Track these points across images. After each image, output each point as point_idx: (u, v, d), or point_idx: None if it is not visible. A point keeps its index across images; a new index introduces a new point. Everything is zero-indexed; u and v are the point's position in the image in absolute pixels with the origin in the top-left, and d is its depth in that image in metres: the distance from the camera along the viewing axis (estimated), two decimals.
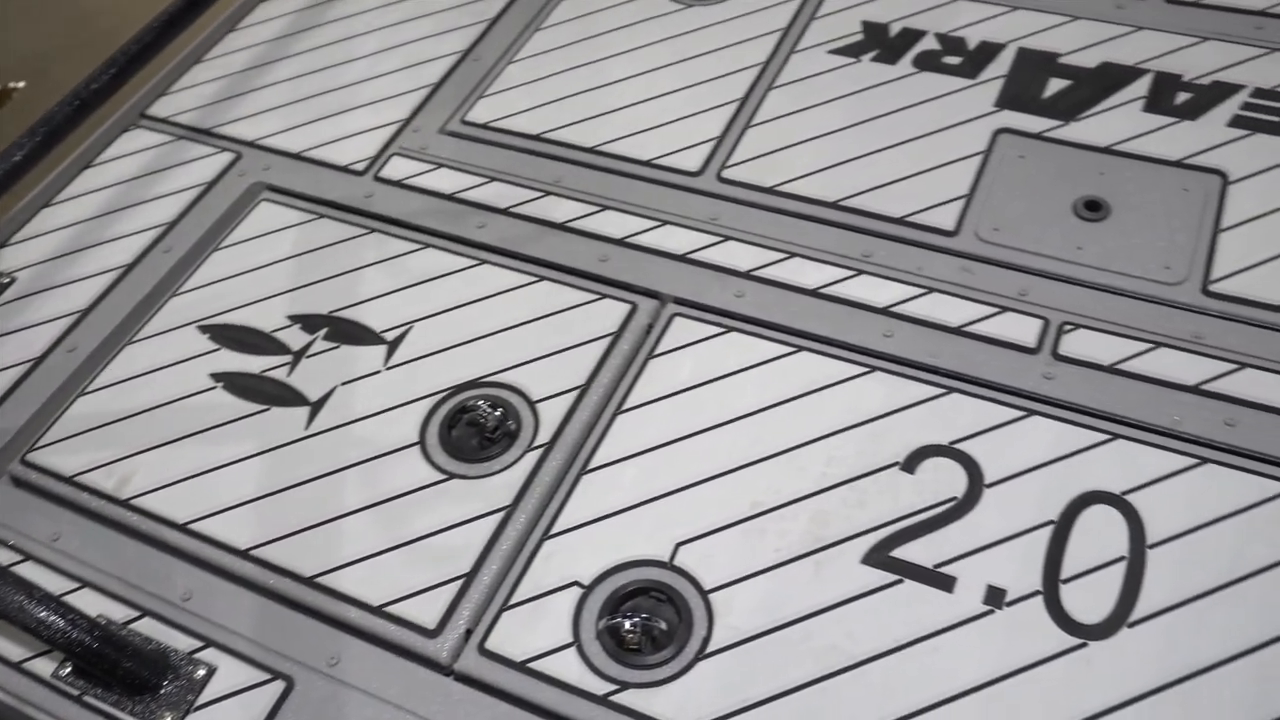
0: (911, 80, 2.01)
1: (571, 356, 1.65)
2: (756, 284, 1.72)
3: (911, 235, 1.76)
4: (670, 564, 1.42)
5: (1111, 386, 1.54)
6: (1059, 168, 1.83)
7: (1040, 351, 1.59)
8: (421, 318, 1.74)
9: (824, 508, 1.45)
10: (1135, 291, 1.65)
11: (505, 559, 1.45)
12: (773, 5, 2.20)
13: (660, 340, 1.66)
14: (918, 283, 1.69)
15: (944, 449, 1.49)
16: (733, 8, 2.21)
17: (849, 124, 1.94)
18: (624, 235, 1.82)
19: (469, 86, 2.13)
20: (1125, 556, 1.37)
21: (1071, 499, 1.43)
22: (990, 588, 1.36)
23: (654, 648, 1.35)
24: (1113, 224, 1.74)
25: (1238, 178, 1.77)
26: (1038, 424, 1.51)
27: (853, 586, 1.37)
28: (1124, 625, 1.32)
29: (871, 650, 1.32)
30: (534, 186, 1.92)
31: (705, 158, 1.92)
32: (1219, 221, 1.72)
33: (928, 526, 1.42)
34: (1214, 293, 1.63)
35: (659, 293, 1.73)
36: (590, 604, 1.39)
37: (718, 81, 2.06)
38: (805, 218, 1.81)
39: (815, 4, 2.19)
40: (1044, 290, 1.67)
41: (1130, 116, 1.89)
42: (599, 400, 1.60)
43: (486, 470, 1.54)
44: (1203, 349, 1.57)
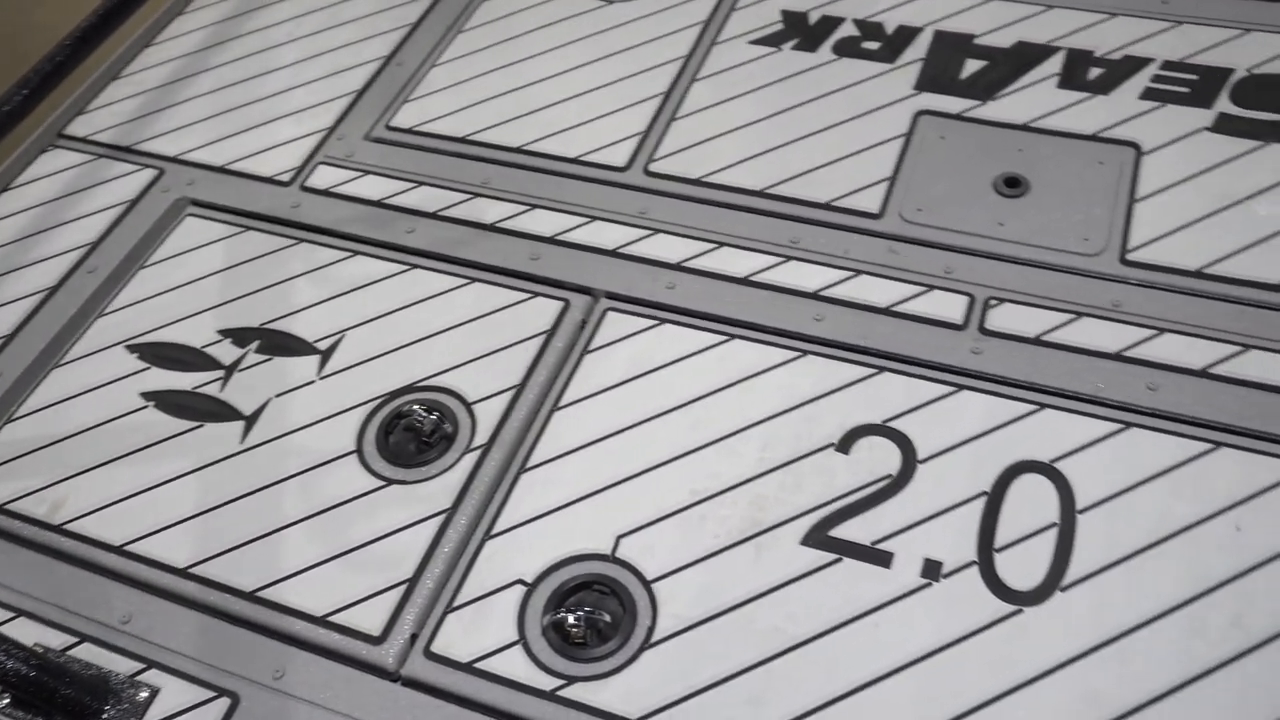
0: (832, 67, 2.03)
1: (506, 356, 1.65)
2: (687, 275, 1.73)
3: (838, 219, 1.78)
4: (612, 556, 1.42)
5: (1037, 358, 1.57)
6: (979, 146, 1.86)
7: (967, 327, 1.62)
8: (354, 326, 1.73)
9: (762, 492, 1.46)
10: (1056, 264, 1.68)
11: (448, 562, 1.44)
12: None
13: (594, 336, 1.67)
14: (846, 266, 1.71)
15: (877, 428, 1.51)
16: (652, 3, 2.22)
17: (772, 113, 1.96)
18: (554, 233, 1.82)
19: (392, 92, 2.12)
20: (1056, 523, 1.40)
21: (1002, 470, 1.46)
22: (927, 561, 1.38)
23: (600, 640, 1.36)
24: (1032, 199, 1.77)
25: (1150, 149, 1.82)
26: (967, 398, 1.54)
27: (793, 568, 1.39)
28: (1057, 590, 1.35)
29: (814, 630, 1.34)
30: (462, 189, 1.92)
31: (631, 152, 1.93)
32: (1134, 192, 1.76)
33: (864, 505, 1.44)
34: (1131, 261, 1.67)
35: (591, 288, 1.74)
36: (534, 601, 1.40)
37: (641, 76, 2.07)
38: (733, 207, 1.82)
39: None
40: (968, 267, 1.70)
41: (1045, 93, 1.93)
42: (535, 399, 1.60)
43: (425, 475, 1.54)
44: (1122, 317, 1.61)
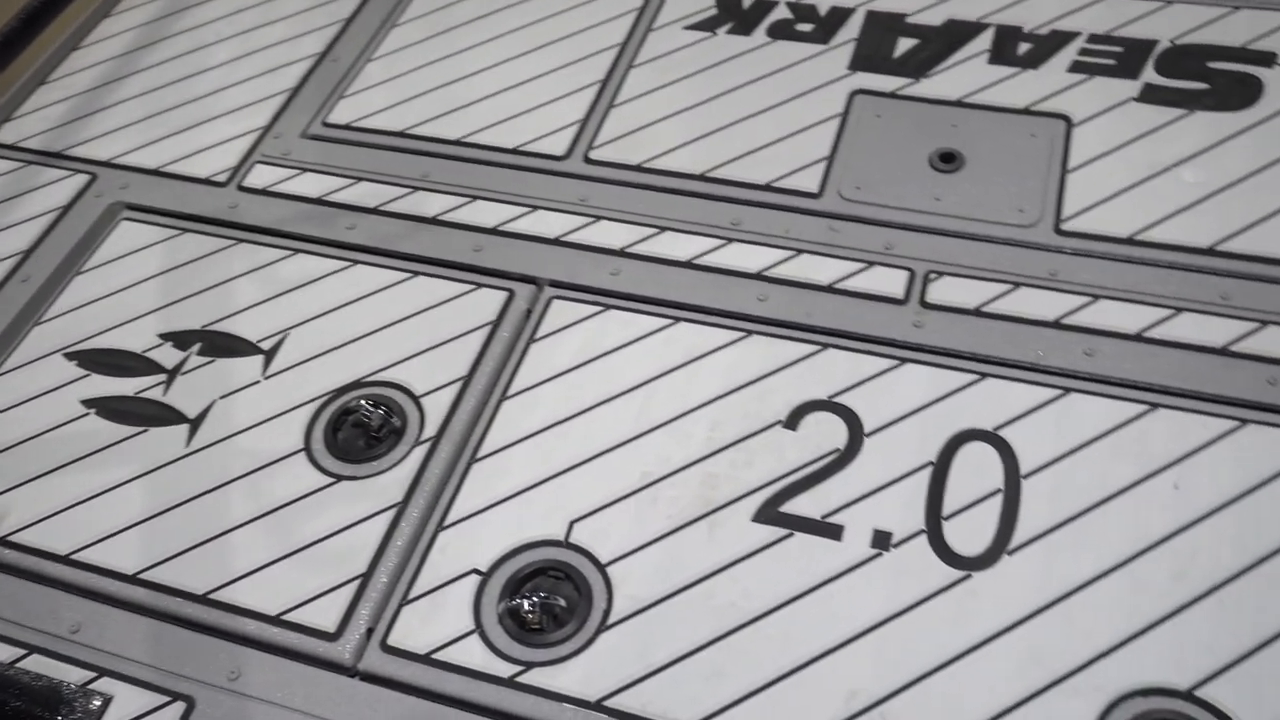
0: (767, 50, 2.05)
1: (453, 348, 1.65)
2: (631, 261, 1.74)
3: (778, 200, 1.80)
4: (566, 542, 1.43)
5: (978, 329, 1.60)
6: (914, 123, 1.89)
7: (908, 301, 1.64)
8: (297, 324, 1.71)
9: (712, 471, 1.47)
10: (993, 236, 1.71)
11: (401, 555, 1.44)
12: None
13: (540, 324, 1.67)
14: (787, 245, 1.73)
15: (824, 403, 1.53)
16: None
17: (710, 97, 1.97)
18: (496, 224, 1.82)
19: (328, 88, 2.10)
20: (1001, 489, 1.43)
21: (947, 439, 1.48)
22: (877, 532, 1.40)
23: (556, 625, 1.36)
24: (968, 173, 1.80)
25: (1080, 120, 1.85)
26: (911, 371, 1.56)
27: (746, 544, 1.40)
28: (1004, 554, 1.37)
29: (768, 604, 1.35)
30: (402, 183, 1.91)
31: (571, 141, 1.93)
32: (1066, 163, 1.79)
33: (813, 480, 1.45)
34: (1066, 231, 1.70)
35: (535, 277, 1.74)
36: (490, 589, 1.40)
37: (578, 64, 2.07)
38: (674, 192, 1.83)
39: None
40: (908, 242, 1.72)
41: (977, 69, 1.96)
42: (483, 389, 1.60)
43: (375, 469, 1.53)
44: (1059, 285, 1.64)
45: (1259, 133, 1.79)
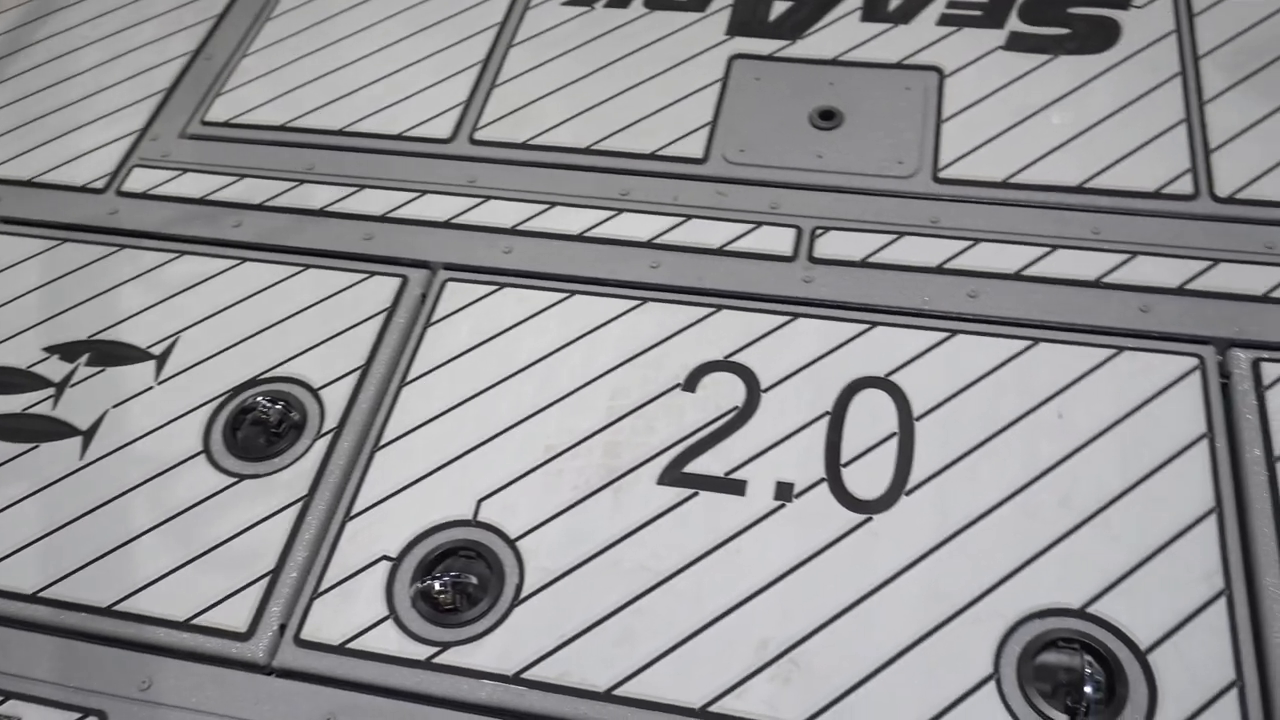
0: (645, 20, 2.06)
1: (349, 339, 1.64)
2: (523, 238, 1.74)
3: (664, 168, 1.81)
4: (475, 520, 1.43)
5: (865, 279, 1.64)
6: (792, 84, 1.91)
7: (797, 258, 1.67)
8: (188, 326, 1.68)
9: (615, 439, 1.49)
10: (875, 189, 1.75)
11: (310, 548, 1.43)
12: None
13: (435, 307, 1.67)
14: (676, 212, 1.75)
15: (720, 363, 1.55)
16: None
17: (591, 70, 1.98)
18: (385, 211, 1.81)
19: (204, 86, 2.06)
20: (896, 432, 1.47)
21: (842, 388, 1.51)
22: (779, 484, 1.43)
23: (470, 604, 1.36)
24: (847, 129, 1.84)
25: (952, 71, 1.90)
26: (803, 325, 1.59)
27: (652, 507, 1.42)
28: (902, 494, 1.41)
29: (678, 563, 1.37)
30: (287, 177, 1.88)
31: (455, 123, 1.92)
32: (940, 113, 1.84)
33: (714, 438, 1.48)
34: (944, 179, 1.75)
35: (428, 262, 1.73)
36: (401, 574, 1.40)
37: (458, 47, 2.06)
38: (561, 167, 1.84)
39: None
40: (793, 200, 1.75)
41: (850, 27, 2.00)
42: (382, 377, 1.59)
43: (278, 465, 1.51)
44: (941, 232, 1.68)
45: (1119, 73, 1.85)
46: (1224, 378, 1.49)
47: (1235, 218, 1.65)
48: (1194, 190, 1.69)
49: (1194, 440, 1.43)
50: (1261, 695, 1.23)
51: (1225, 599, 1.30)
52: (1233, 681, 1.24)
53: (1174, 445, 1.42)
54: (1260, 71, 1.83)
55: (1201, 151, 1.73)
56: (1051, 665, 1.27)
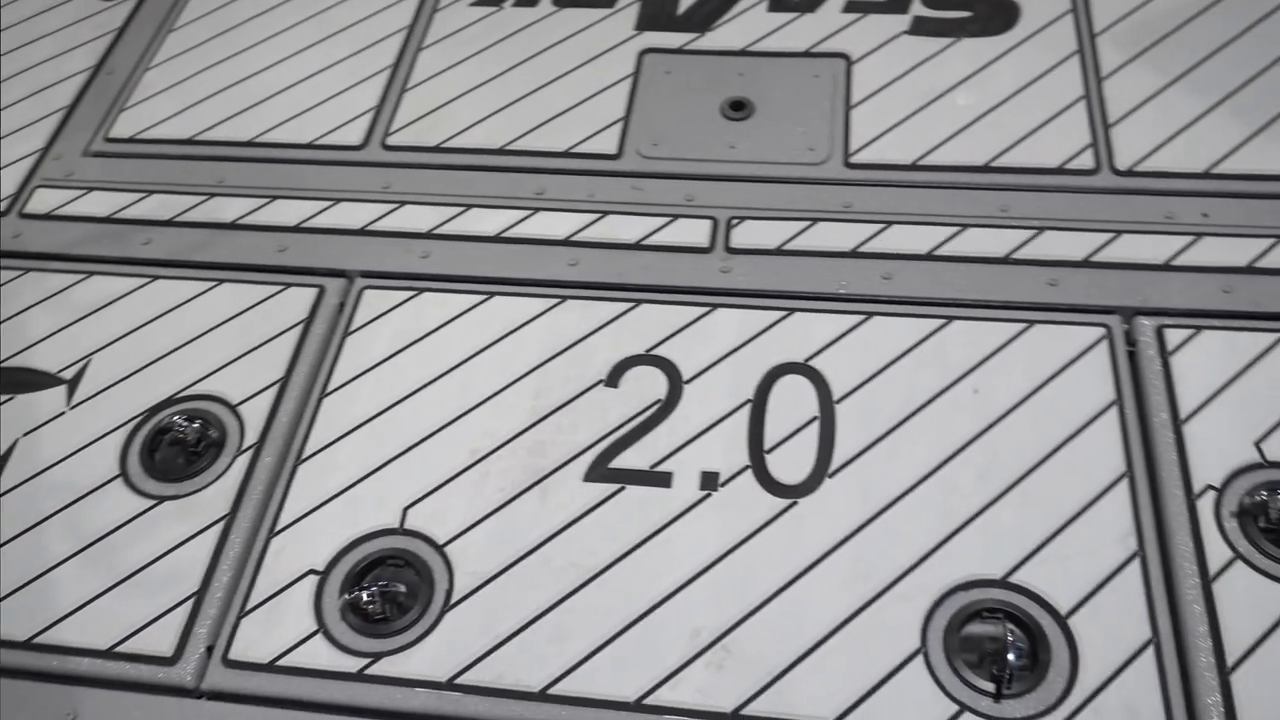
0: (554, 18, 2.06)
1: (266, 352, 1.62)
2: (439, 242, 1.73)
3: (579, 165, 1.81)
4: (401, 528, 1.42)
5: (781, 267, 1.65)
6: (703, 76, 1.93)
7: (714, 249, 1.68)
8: (99, 348, 1.65)
9: (540, 438, 1.49)
10: (788, 176, 1.77)
11: (234, 566, 1.41)
12: None
13: (354, 316, 1.65)
14: (592, 209, 1.75)
15: (642, 357, 1.56)
16: None
17: (502, 71, 1.97)
18: (299, 221, 1.78)
19: (107, 102, 2.02)
20: (817, 416, 1.49)
21: (762, 376, 1.53)
22: (704, 474, 1.44)
23: (400, 612, 1.36)
24: (758, 119, 1.85)
25: (859, 57, 1.93)
26: (722, 315, 1.60)
27: (580, 505, 1.42)
28: (825, 478, 1.43)
29: (608, 559, 1.38)
30: (196, 191, 1.85)
31: (367, 129, 1.91)
32: (849, 100, 1.86)
33: (639, 432, 1.48)
34: (855, 164, 1.77)
35: (345, 270, 1.71)
36: (329, 587, 1.38)
37: (366, 52, 2.04)
38: (475, 168, 1.83)
39: None
40: (708, 192, 1.76)
41: (758, 18, 2.01)
42: (302, 389, 1.57)
43: (198, 485, 1.49)
44: (854, 216, 1.71)
45: (1020, 53, 1.89)
46: (1130, 346, 1.53)
47: (1136, 190, 1.70)
48: (1095, 165, 1.73)
49: (1104, 408, 1.46)
50: (1177, 651, 1.27)
51: (1139, 560, 1.33)
52: (1149, 639, 1.27)
53: (1085, 414, 1.46)
54: (1154, 46, 1.88)
55: (1101, 126, 1.78)
56: (976, 636, 1.30)
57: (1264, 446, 1.41)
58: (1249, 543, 1.33)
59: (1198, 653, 1.26)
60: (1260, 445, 1.41)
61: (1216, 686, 1.23)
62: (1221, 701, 1.23)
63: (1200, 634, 1.27)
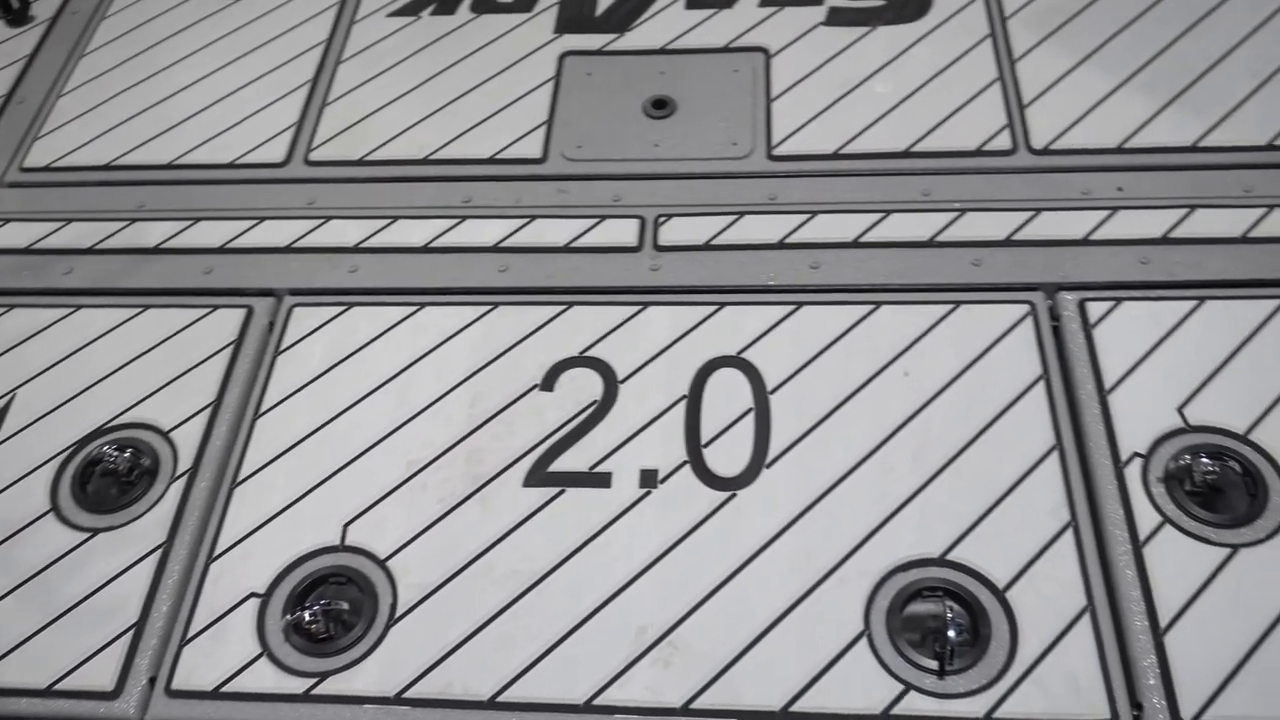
0: (473, 25, 2.05)
1: (196, 376, 1.60)
2: (367, 255, 1.72)
3: (505, 171, 1.81)
4: (342, 545, 1.41)
5: (710, 262, 1.67)
6: (624, 76, 1.93)
7: (643, 248, 1.69)
8: (23, 382, 1.62)
9: (477, 446, 1.49)
10: (712, 172, 1.78)
11: (174, 595, 1.39)
12: None
13: (284, 335, 1.63)
14: (520, 214, 1.75)
15: (576, 359, 1.56)
16: None
17: (423, 80, 1.97)
18: (224, 242, 1.76)
19: (19, 131, 1.98)
20: (752, 408, 1.50)
21: (697, 371, 1.54)
22: (643, 471, 1.45)
23: (344, 630, 1.35)
24: (681, 117, 1.86)
25: (777, 50, 1.94)
26: (654, 313, 1.61)
27: (520, 511, 1.42)
28: (763, 468, 1.44)
29: (550, 563, 1.38)
30: (117, 217, 1.82)
31: (289, 146, 1.89)
32: (769, 92, 1.88)
33: (576, 434, 1.49)
34: (778, 156, 1.79)
35: (273, 289, 1.70)
36: (271, 609, 1.37)
37: (284, 68, 2.02)
38: (401, 179, 1.82)
39: None
40: (635, 191, 1.77)
41: (676, 16, 2.03)
42: (235, 411, 1.56)
43: (133, 515, 1.47)
44: (779, 208, 1.72)
45: (934, 39, 1.92)
46: (1054, 321, 1.56)
47: (1052, 167, 1.73)
48: (1013, 145, 1.76)
49: (1032, 383, 1.49)
50: (1112, 616, 1.29)
51: (1072, 530, 1.36)
52: (1085, 607, 1.30)
53: (1014, 390, 1.48)
54: (1064, 26, 1.91)
55: (1016, 107, 1.81)
56: (918, 615, 1.32)
57: (1186, 412, 1.44)
58: (1176, 506, 1.37)
59: (1132, 617, 1.29)
60: (1182, 411, 1.44)
61: (1151, 648, 1.26)
62: (1157, 662, 1.25)
63: (1134, 599, 1.30)
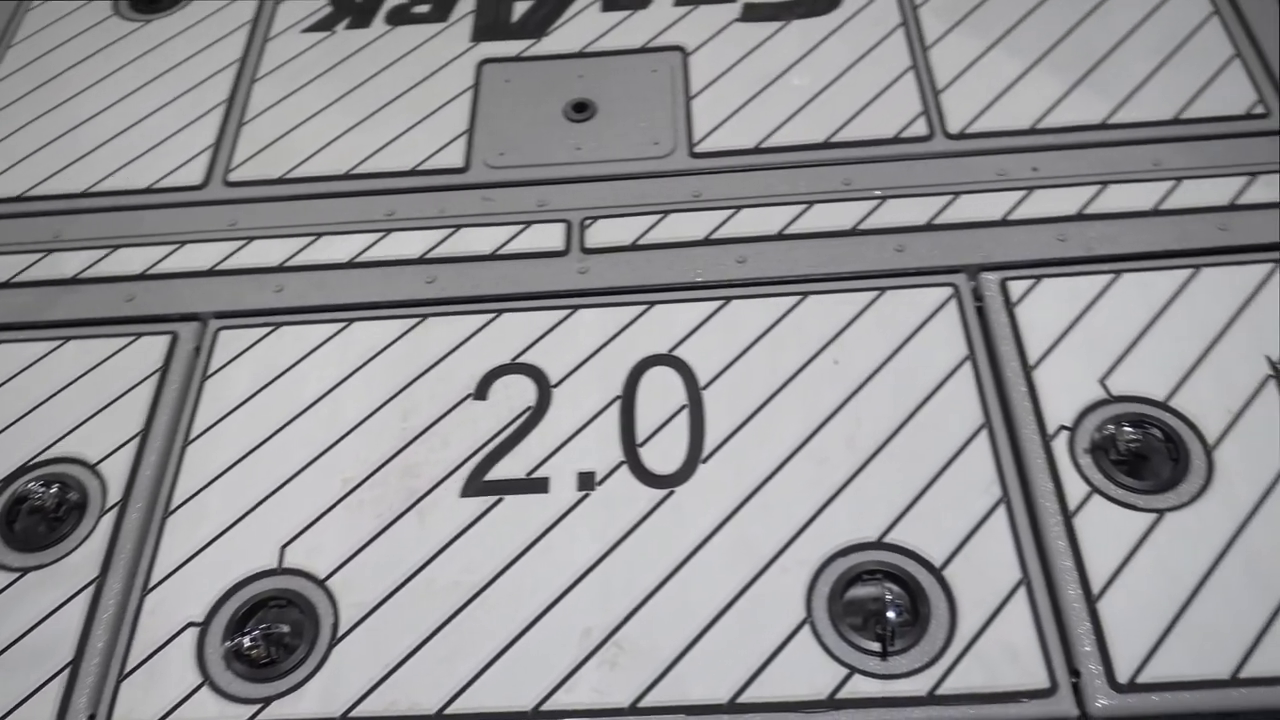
0: (389, 38, 2.04)
1: (122, 406, 1.57)
2: (292, 274, 1.70)
3: (427, 182, 1.80)
4: (280, 568, 1.40)
5: (638, 262, 1.67)
6: (543, 82, 1.93)
7: (569, 251, 1.69)
8: None
9: (412, 460, 1.48)
10: (636, 172, 1.79)
11: (109, 630, 1.37)
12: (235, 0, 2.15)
13: (211, 359, 1.61)
14: (445, 224, 1.74)
15: (508, 367, 1.56)
16: (194, 11, 2.13)
17: (341, 94, 1.95)
18: (145, 269, 1.73)
19: None
20: (686, 404, 1.51)
21: (629, 371, 1.54)
22: (580, 474, 1.45)
23: (286, 653, 1.33)
24: (601, 119, 1.87)
25: (694, 48, 1.95)
26: (584, 316, 1.61)
27: (458, 522, 1.42)
28: (699, 464, 1.45)
29: (491, 572, 1.37)
30: (31, 249, 1.78)
31: (207, 167, 1.86)
32: (688, 90, 1.89)
33: (511, 442, 1.48)
34: (700, 153, 1.80)
35: (197, 313, 1.67)
36: (211, 637, 1.35)
37: (198, 89, 1.99)
38: (323, 196, 1.80)
39: None
40: (559, 196, 1.77)
41: (592, 19, 2.03)
42: (164, 439, 1.53)
43: (63, 551, 1.44)
44: (704, 204, 1.73)
45: (847, 30, 1.95)
46: (978, 301, 1.59)
47: (968, 151, 1.76)
48: (929, 131, 1.79)
49: (959, 364, 1.51)
50: (1047, 587, 1.32)
51: (1004, 505, 1.38)
52: (1020, 579, 1.32)
53: (941, 372, 1.51)
54: (973, 13, 1.95)
55: (931, 94, 1.84)
56: (859, 599, 1.33)
57: (1108, 383, 1.47)
58: (1103, 475, 1.40)
59: (1066, 585, 1.31)
60: (1104, 382, 1.47)
61: (1086, 615, 1.29)
62: (1092, 629, 1.28)
63: (1066, 568, 1.33)
